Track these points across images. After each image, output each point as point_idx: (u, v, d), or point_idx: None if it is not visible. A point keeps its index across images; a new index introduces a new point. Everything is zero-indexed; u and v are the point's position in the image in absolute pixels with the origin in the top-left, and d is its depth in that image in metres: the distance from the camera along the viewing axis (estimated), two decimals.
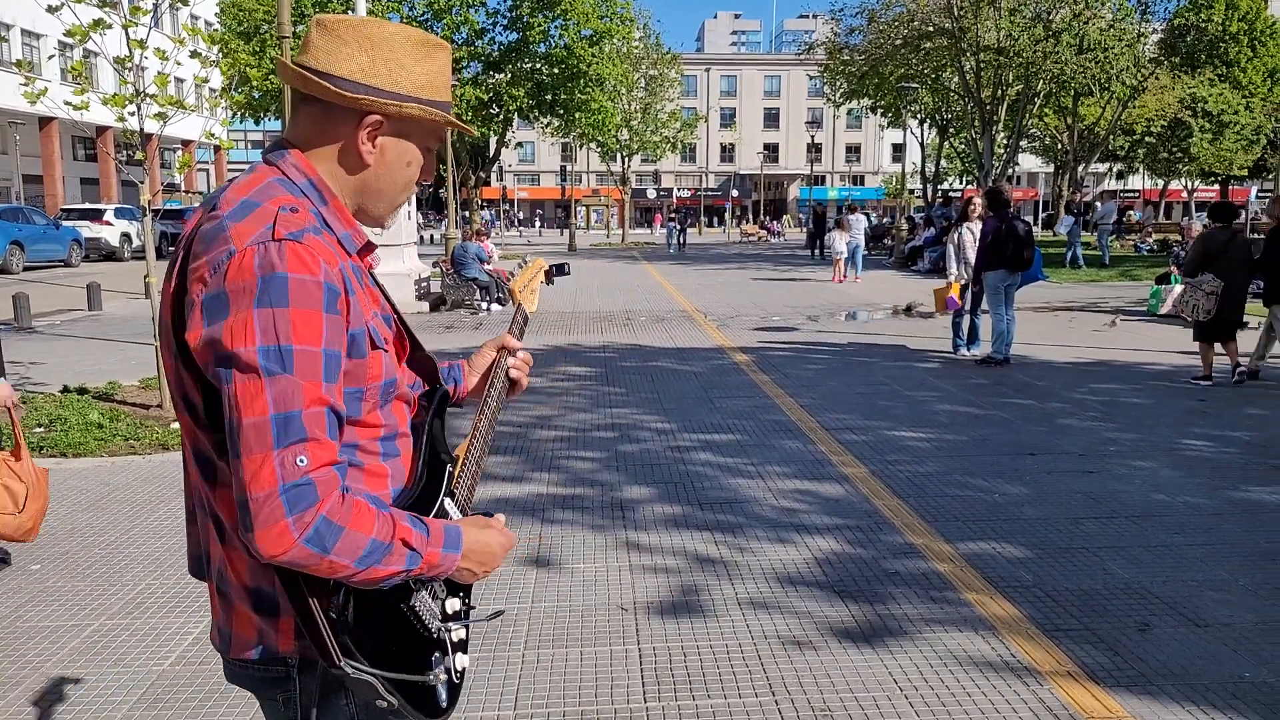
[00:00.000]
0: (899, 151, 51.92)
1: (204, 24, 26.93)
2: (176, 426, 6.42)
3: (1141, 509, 4.94)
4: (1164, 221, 39.54)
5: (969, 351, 10.02)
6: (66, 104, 6.89)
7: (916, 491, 5.24)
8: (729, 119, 76.56)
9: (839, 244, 20.48)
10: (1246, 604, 3.76)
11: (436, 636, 1.38)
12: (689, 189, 75.02)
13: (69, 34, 6.92)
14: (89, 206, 30.25)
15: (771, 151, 75.25)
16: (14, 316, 12.68)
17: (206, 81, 7.31)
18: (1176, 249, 19.34)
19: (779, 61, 78.25)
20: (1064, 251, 23.34)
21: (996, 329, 9.46)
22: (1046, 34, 24.85)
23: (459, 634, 1.43)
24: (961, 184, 51.14)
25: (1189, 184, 49.00)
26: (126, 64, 6.89)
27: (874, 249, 31.80)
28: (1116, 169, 49.06)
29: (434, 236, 43.49)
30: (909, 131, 36.72)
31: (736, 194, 74.44)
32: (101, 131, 31.27)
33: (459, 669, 1.42)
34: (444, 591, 1.40)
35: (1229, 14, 40.49)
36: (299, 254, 1.20)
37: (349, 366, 1.26)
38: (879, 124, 57.85)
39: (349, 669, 1.23)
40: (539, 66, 29.10)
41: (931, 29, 27.08)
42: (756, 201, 70.78)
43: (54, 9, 6.78)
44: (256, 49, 24.55)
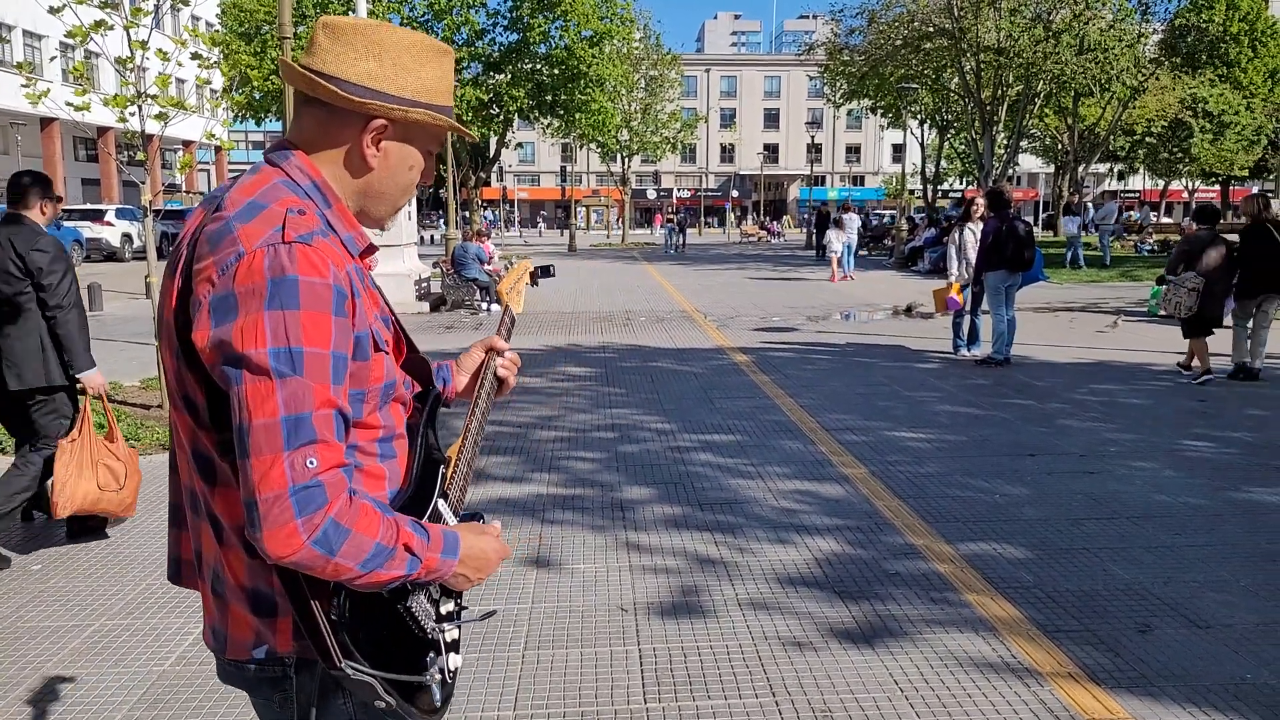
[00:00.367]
0: (899, 152, 51.88)
1: (205, 25, 26.95)
2: None
3: (1142, 510, 4.94)
4: (1164, 222, 39.54)
5: (969, 352, 10.02)
6: (68, 105, 6.89)
7: (917, 492, 5.24)
8: (729, 119, 76.57)
9: (835, 244, 20.87)
10: (1247, 605, 3.76)
11: (431, 637, 1.38)
12: (689, 189, 75.06)
13: (70, 35, 6.93)
14: (90, 207, 30.27)
15: (771, 152, 75.26)
16: None
17: (208, 82, 7.32)
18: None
19: (779, 62, 78.27)
20: (1064, 252, 23.35)
21: (997, 329, 9.46)
22: (1047, 34, 24.86)
23: (452, 634, 1.45)
24: (962, 184, 51.18)
25: (1190, 185, 49.01)
26: (128, 65, 6.89)
27: (874, 249, 31.86)
28: (1117, 169, 49.07)
29: (434, 237, 43.49)
30: (909, 132, 36.71)
31: (736, 194, 74.47)
32: (103, 132, 31.31)
33: (452, 669, 1.43)
34: (438, 593, 1.41)
35: (1229, 14, 40.50)
36: (309, 257, 1.21)
37: (354, 368, 1.27)
38: (879, 124, 57.91)
39: (349, 670, 1.24)
40: (539, 67, 29.11)
41: (931, 29, 27.10)
42: (756, 202, 70.79)
43: (56, 10, 6.79)
44: (257, 50, 24.58)
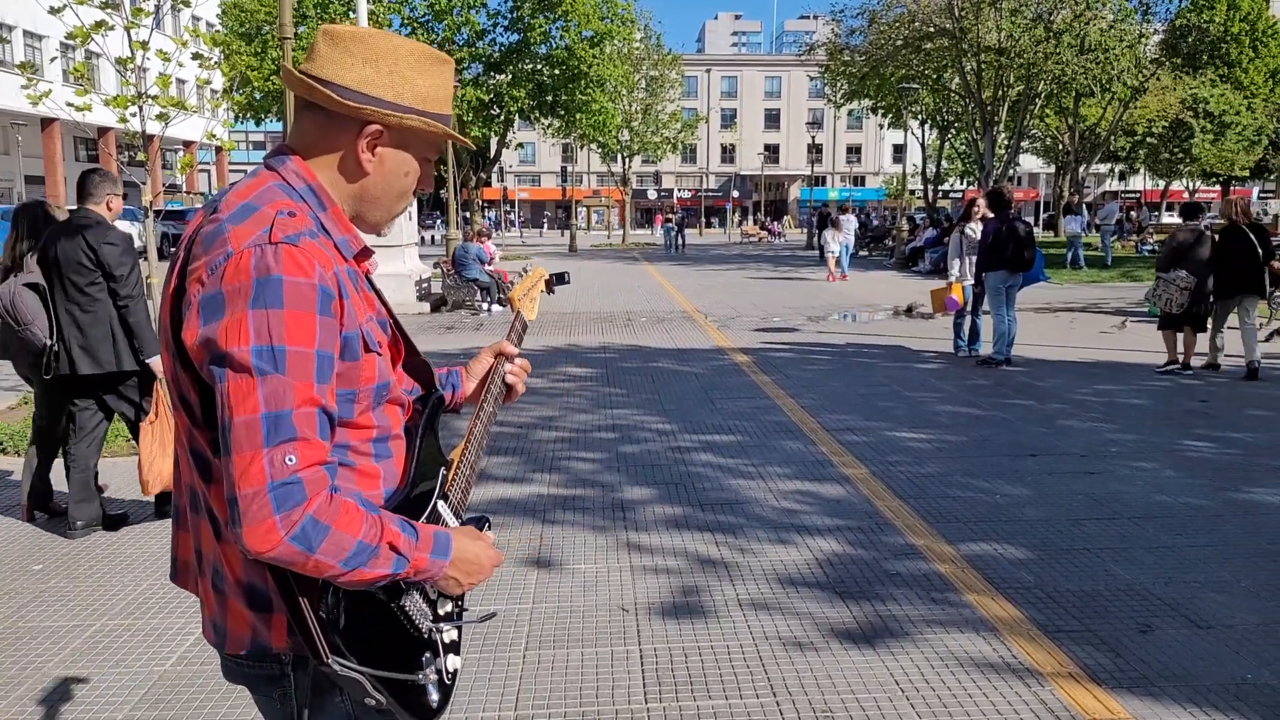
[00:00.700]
0: (900, 152, 51.90)
1: (205, 25, 26.94)
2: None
3: (1143, 510, 4.94)
4: (1166, 223, 39.51)
5: (970, 352, 10.02)
6: (69, 105, 6.89)
7: (917, 492, 5.24)
8: (730, 120, 76.56)
9: (832, 244, 21.13)
10: (1248, 605, 3.76)
11: (428, 637, 1.38)
12: (690, 190, 75.05)
13: (71, 35, 6.93)
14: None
15: (772, 152, 75.25)
16: None
17: (208, 83, 7.32)
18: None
19: (780, 62, 78.25)
20: (1065, 252, 23.35)
21: (998, 330, 9.46)
22: (1047, 35, 24.86)
23: (450, 635, 1.44)
24: (962, 185, 51.16)
25: (1190, 185, 48.99)
26: (128, 65, 6.89)
27: (875, 250, 31.86)
28: (1118, 170, 49.05)
29: (434, 237, 43.47)
30: (910, 132, 36.74)
31: (737, 195, 74.46)
32: (103, 133, 31.30)
33: (450, 670, 1.43)
34: (436, 593, 1.41)
35: (1230, 14, 40.50)
36: (294, 257, 1.22)
37: (342, 369, 1.28)
38: (880, 125, 57.83)
39: (336, 666, 1.25)
40: (540, 67, 29.13)
41: (932, 30, 27.10)
42: (757, 202, 70.78)
43: (56, 10, 6.79)
44: (258, 50, 24.60)
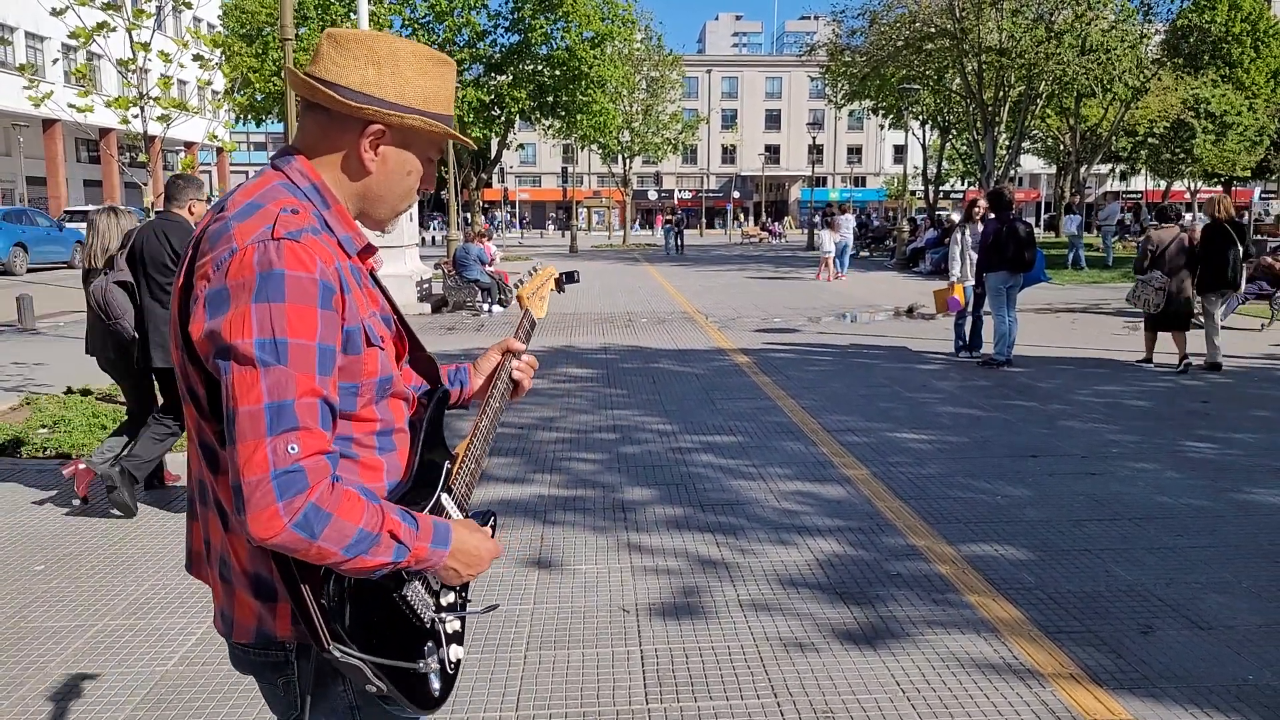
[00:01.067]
0: (900, 153, 51.85)
1: (206, 26, 26.96)
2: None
3: (1144, 511, 4.94)
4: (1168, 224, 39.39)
5: (971, 353, 10.02)
6: (70, 106, 6.91)
7: (918, 493, 5.24)
8: (730, 120, 76.54)
9: (828, 243, 21.40)
10: (1250, 606, 3.76)
11: (430, 627, 1.40)
12: (690, 190, 75.03)
13: (73, 36, 6.95)
14: (93, 208, 30.29)
15: (773, 153, 75.22)
16: (18, 318, 12.71)
17: (209, 84, 7.33)
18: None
19: (780, 63, 78.23)
20: (1066, 253, 23.33)
21: (999, 330, 9.46)
22: (1049, 35, 24.85)
23: (453, 625, 1.46)
24: (963, 186, 51.15)
25: (1192, 185, 48.95)
26: (130, 66, 6.91)
27: (876, 250, 31.85)
28: (1119, 170, 49.01)
29: (435, 238, 43.47)
30: (910, 133, 36.70)
31: (738, 195, 74.45)
32: (105, 134, 31.31)
33: (453, 660, 1.45)
34: (439, 583, 1.43)
35: (1232, 15, 40.45)
36: (296, 252, 1.25)
37: (344, 362, 1.31)
38: (880, 126, 57.82)
39: (337, 653, 1.27)
40: (540, 68, 29.15)
41: (933, 30, 27.09)
42: (758, 203, 70.76)
43: (58, 12, 6.81)
44: (259, 52, 24.60)
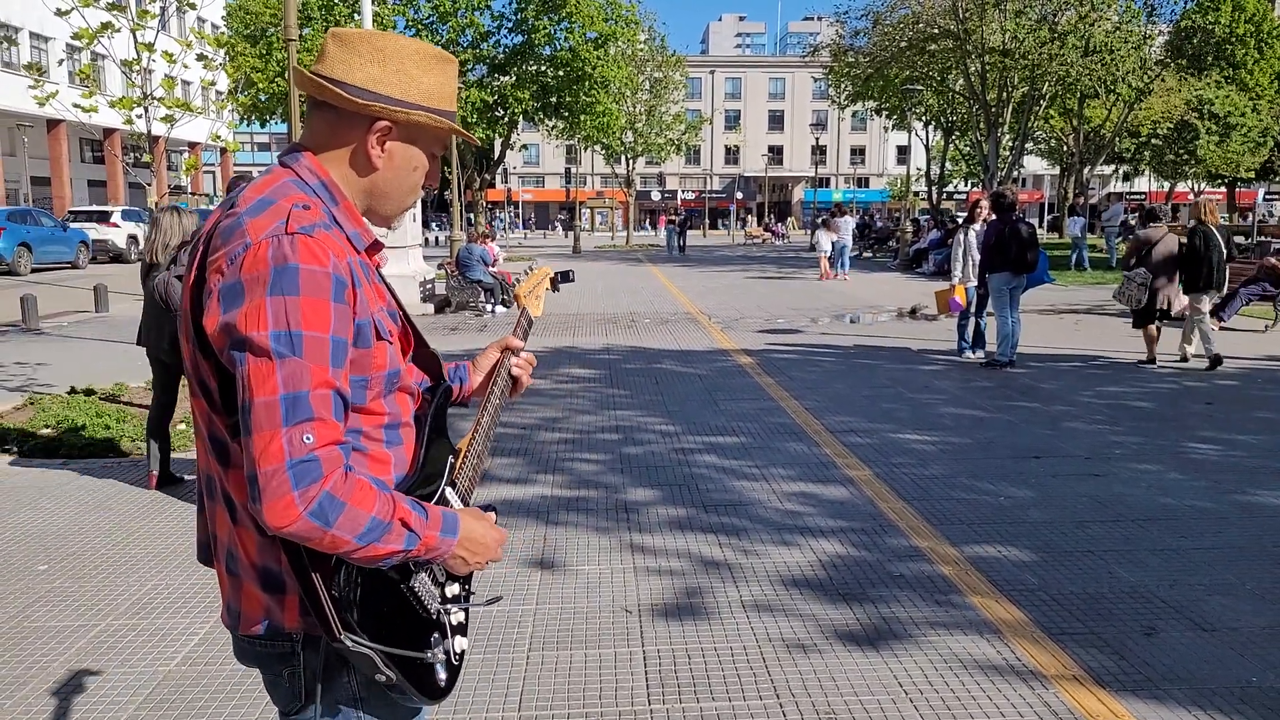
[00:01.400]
0: (904, 154, 51.78)
1: (210, 27, 27.01)
2: (183, 427, 6.43)
3: (1147, 512, 4.93)
4: (1169, 224, 39.38)
5: (974, 354, 10.01)
6: (75, 106, 6.93)
7: (921, 494, 5.23)
8: (733, 121, 76.48)
9: (824, 243, 21.72)
10: (1253, 608, 3.75)
11: (436, 618, 1.43)
12: (694, 191, 75.00)
13: (77, 37, 6.96)
14: (96, 208, 30.32)
15: (776, 154, 75.18)
16: (22, 318, 12.73)
17: (213, 84, 7.36)
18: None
19: (784, 64, 78.15)
20: (1069, 254, 23.30)
21: (1001, 331, 9.45)
22: (1052, 36, 24.84)
23: (458, 617, 1.49)
24: (966, 186, 51.10)
25: (1196, 186, 48.87)
26: (134, 67, 6.92)
27: (879, 251, 31.83)
28: (1123, 171, 48.95)
29: (438, 239, 43.47)
30: (914, 134, 36.67)
31: (741, 196, 74.41)
32: (109, 134, 31.42)
33: (458, 651, 1.47)
34: (444, 575, 1.46)
35: (1235, 16, 40.36)
36: (310, 247, 1.27)
37: (355, 355, 1.33)
38: (884, 126, 57.77)
39: (348, 642, 1.29)
40: (544, 69, 29.17)
41: (936, 31, 27.09)
42: (761, 204, 70.73)
43: (63, 12, 6.82)
44: (262, 52, 24.62)
